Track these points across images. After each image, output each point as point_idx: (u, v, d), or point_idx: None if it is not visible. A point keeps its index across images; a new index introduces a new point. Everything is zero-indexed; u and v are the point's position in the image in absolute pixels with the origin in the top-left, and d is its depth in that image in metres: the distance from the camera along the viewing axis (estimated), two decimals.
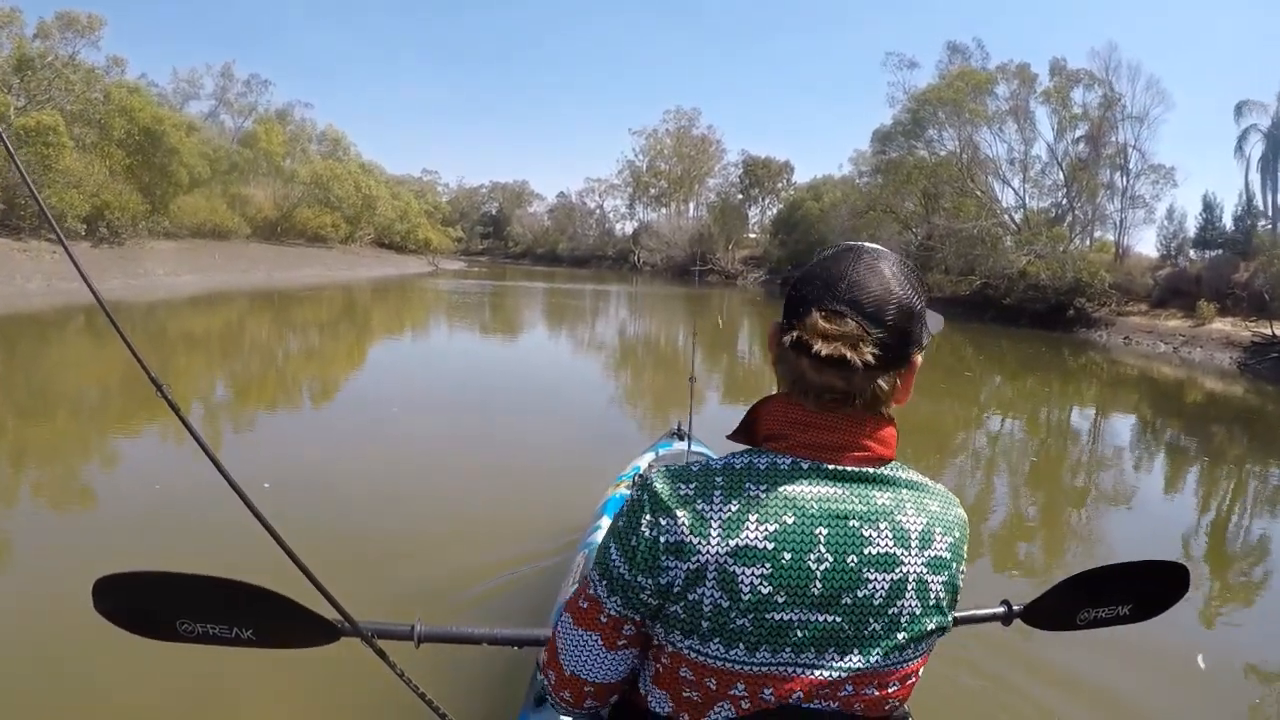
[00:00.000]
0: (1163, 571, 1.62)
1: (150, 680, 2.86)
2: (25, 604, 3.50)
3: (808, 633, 0.98)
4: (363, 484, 5.50)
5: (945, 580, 1.02)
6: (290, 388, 9.66)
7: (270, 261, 29.93)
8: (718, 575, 0.97)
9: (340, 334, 14.00)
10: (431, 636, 1.47)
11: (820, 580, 0.97)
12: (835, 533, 0.98)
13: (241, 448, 6.60)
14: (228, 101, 43.70)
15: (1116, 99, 32.66)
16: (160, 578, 1.28)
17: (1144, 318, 28.01)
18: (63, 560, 3.89)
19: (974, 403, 12.85)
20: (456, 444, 6.99)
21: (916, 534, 1.00)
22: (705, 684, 1.02)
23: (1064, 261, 29.36)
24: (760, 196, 69.35)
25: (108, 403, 8.12)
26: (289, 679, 2.92)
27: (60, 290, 16.80)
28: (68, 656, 3.00)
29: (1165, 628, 2.14)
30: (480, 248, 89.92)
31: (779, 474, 1.00)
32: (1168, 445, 10.99)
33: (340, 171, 41.98)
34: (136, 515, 4.67)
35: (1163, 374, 19.26)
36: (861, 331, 0.97)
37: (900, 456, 1.07)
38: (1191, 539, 6.24)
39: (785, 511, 0.98)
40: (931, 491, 1.05)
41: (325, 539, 4.14)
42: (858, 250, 1.04)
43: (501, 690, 2.65)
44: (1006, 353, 21.55)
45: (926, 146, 37.58)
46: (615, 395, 11.58)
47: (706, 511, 0.99)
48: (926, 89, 36.62)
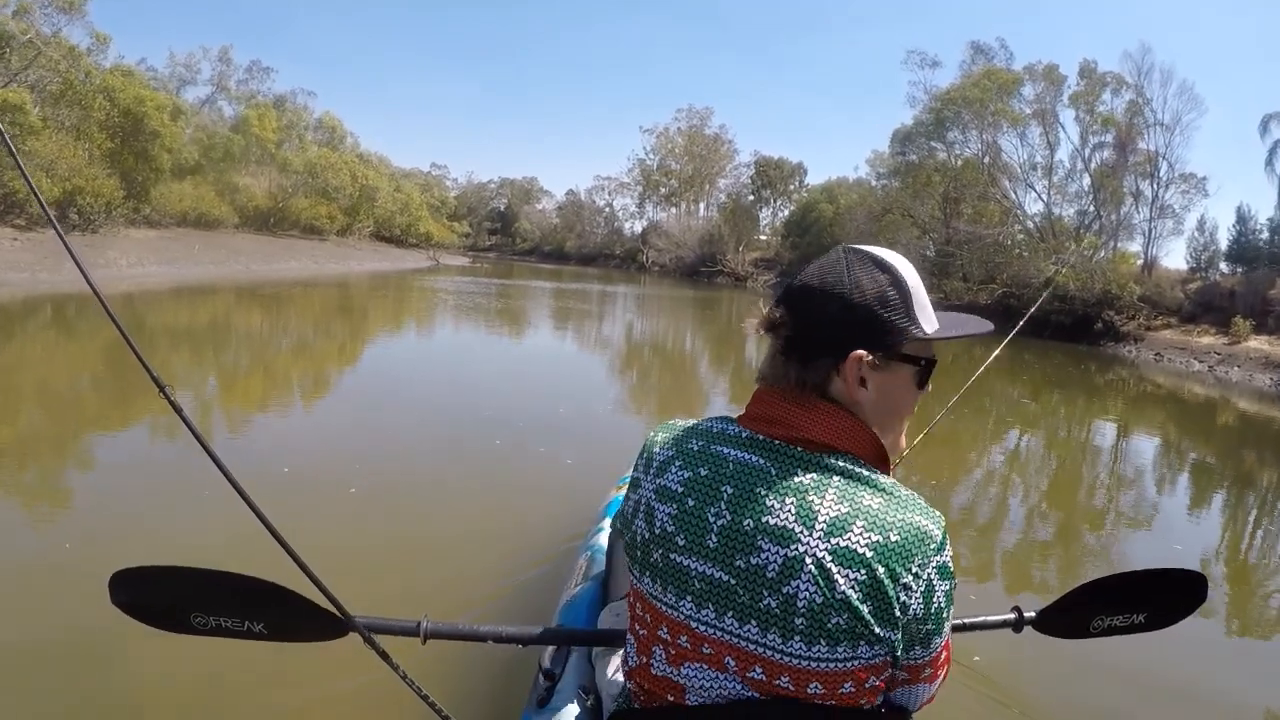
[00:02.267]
0: (1179, 579, 1.57)
1: (153, 676, 2.88)
2: (26, 604, 3.48)
3: (703, 585, 1.03)
4: (364, 485, 5.36)
5: (861, 580, 0.96)
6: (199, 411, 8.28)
7: (253, 253, 28.13)
8: (645, 509, 1.11)
9: (288, 341, 12.53)
10: (437, 633, 1.51)
11: (716, 534, 1.03)
12: (739, 493, 1.03)
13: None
14: (226, 88, 42.10)
15: (1147, 103, 31.41)
16: (175, 572, 1.34)
17: (1175, 333, 26.88)
18: (65, 560, 3.85)
19: (1006, 419, 12.41)
20: (456, 445, 6.85)
21: (826, 518, 0.98)
22: (645, 620, 1.11)
23: (1093, 272, 27.85)
24: (772, 198, 68.78)
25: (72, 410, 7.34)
26: (293, 675, 2.93)
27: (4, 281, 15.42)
28: (68, 652, 3.02)
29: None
30: (488, 243, 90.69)
31: (719, 435, 1.09)
32: (1205, 469, 10.05)
33: (335, 160, 40.47)
34: (136, 516, 4.60)
35: (1203, 395, 17.92)
36: (782, 316, 1.06)
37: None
38: (1212, 562, 5.79)
39: (702, 464, 1.07)
40: (883, 491, 1.01)
41: (328, 539, 4.14)
42: (836, 249, 1.10)
43: (504, 691, 2.68)
44: (1031, 365, 20.51)
45: (948, 149, 36.49)
46: (617, 396, 11.29)
47: (655, 456, 1.13)
48: (951, 88, 35.34)
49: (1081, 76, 33.24)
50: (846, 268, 1.05)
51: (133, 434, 6.45)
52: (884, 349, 1.04)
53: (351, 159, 44.07)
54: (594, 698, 1.74)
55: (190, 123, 35.44)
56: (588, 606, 2.23)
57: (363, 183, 42.09)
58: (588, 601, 2.26)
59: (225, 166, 35.46)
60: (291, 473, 5.48)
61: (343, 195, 40.42)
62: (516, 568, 4.02)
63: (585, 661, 1.89)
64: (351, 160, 43.49)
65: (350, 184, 40.58)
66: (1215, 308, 26.81)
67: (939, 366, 1.14)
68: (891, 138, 39.30)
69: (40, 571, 3.71)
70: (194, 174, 32.91)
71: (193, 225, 29.44)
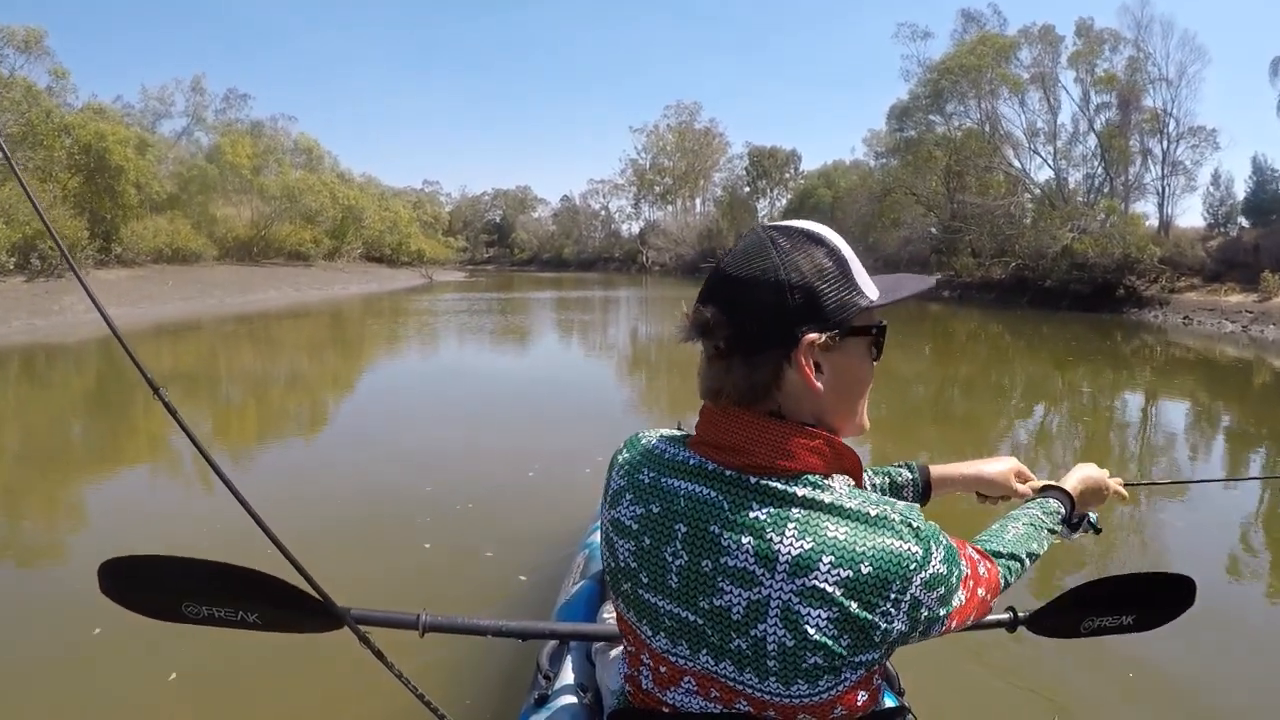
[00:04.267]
0: (1169, 583, 1.62)
1: (152, 672, 2.91)
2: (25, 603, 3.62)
3: (674, 624, 0.99)
4: (365, 487, 5.59)
5: (833, 618, 0.90)
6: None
7: (231, 285, 26.88)
8: (607, 538, 1.07)
9: (230, 388, 11.42)
10: (436, 626, 1.52)
11: (676, 575, 0.97)
12: (693, 533, 0.96)
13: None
14: (202, 118, 40.85)
15: (1148, 57, 30.37)
16: (164, 561, 1.35)
17: (1201, 294, 25.66)
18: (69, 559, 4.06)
19: (1021, 395, 11.85)
20: (456, 446, 7.01)
21: (788, 557, 0.90)
22: (631, 640, 1.08)
23: (1111, 236, 26.56)
24: (768, 188, 68.18)
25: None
26: (290, 670, 2.93)
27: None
28: (68, 648, 3.06)
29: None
30: (486, 256, 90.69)
31: (670, 464, 1.02)
32: (1243, 435, 9.19)
33: (313, 182, 39.19)
34: (135, 516, 4.82)
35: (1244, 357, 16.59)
36: (715, 316, 0.94)
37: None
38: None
39: (654, 499, 1.00)
40: (848, 517, 0.92)
41: (328, 539, 4.25)
42: (748, 233, 1.01)
43: (503, 688, 2.68)
44: (1047, 339, 19.71)
45: (946, 121, 35.44)
46: (619, 398, 11.24)
47: (611, 483, 1.08)
48: (945, 57, 34.36)
49: (1079, 35, 32.34)
50: (774, 247, 0.95)
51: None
52: (834, 327, 0.95)
53: (331, 179, 42.84)
54: (592, 695, 1.74)
55: (166, 156, 34.37)
56: (586, 603, 2.23)
57: (344, 203, 40.85)
58: (586, 598, 2.27)
59: (204, 199, 34.37)
60: (292, 477, 5.70)
61: (325, 218, 39.22)
62: (516, 567, 4.04)
63: (584, 659, 1.88)
64: (331, 181, 42.25)
65: (331, 205, 39.38)
66: (1239, 264, 25.83)
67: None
68: (888, 114, 38.40)
69: (35, 569, 3.86)
70: (173, 208, 31.92)
71: (169, 261, 28.35)
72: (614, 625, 1.66)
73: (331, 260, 40.98)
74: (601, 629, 1.77)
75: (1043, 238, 28.63)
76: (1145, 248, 26.35)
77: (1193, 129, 30.90)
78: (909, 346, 16.16)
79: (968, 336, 21.06)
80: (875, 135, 43.26)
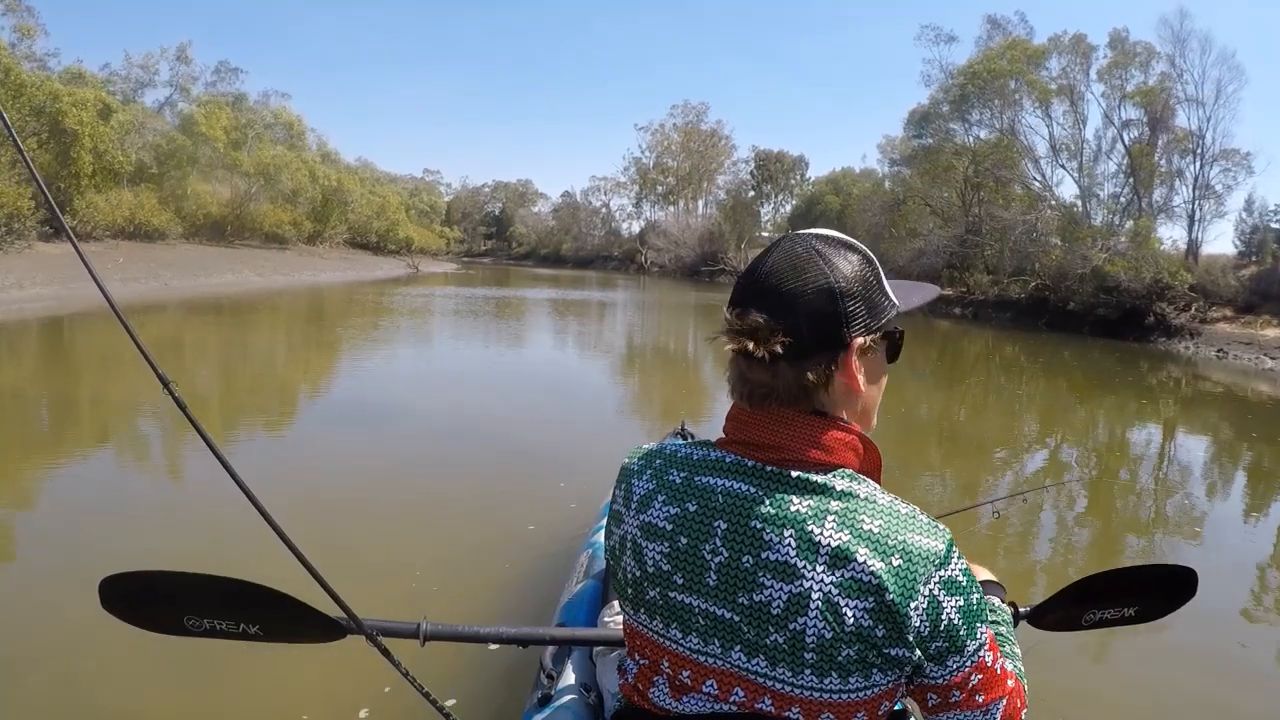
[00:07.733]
0: (1171, 575, 1.60)
1: (154, 677, 2.87)
2: (26, 603, 3.49)
3: (708, 623, 0.99)
4: (366, 487, 5.50)
5: (870, 608, 0.92)
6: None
7: (187, 266, 24.48)
8: (632, 546, 1.05)
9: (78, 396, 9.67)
10: (437, 635, 1.52)
11: (715, 572, 0.98)
12: (734, 528, 0.97)
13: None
14: (187, 90, 38.78)
15: (1182, 74, 28.68)
16: (165, 576, 1.33)
17: (1234, 326, 23.77)
18: (68, 561, 3.85)
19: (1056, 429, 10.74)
20: (455, 447, 6.93)
21: (828, 548, 0.93)
22: (646, 653, 1.07)
23: (1143, 259, 24.74)
24: (773, 193, 67.11)
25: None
26: (291, 670, 2.91)
27: None
28: (71, 652, 2.99)
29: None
30: (483, 248, 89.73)
31: (701, 464, 1.03)
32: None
33: (291, 159, 37.02)
34: (143, 516, 4.73)
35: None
36: (768, 322, 0.96)
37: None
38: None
39: (689, 499, 1.01)
40: (882, 511, 0.96)
41: (327, 540, 4.18)
42: (784, 238, 1.04)
43: (506, 689, 2.68)
44: (1070, 367, 18.19)
45: (967, 130, 33.81)
46: (620, 399, 11.28)
47: (635, 487, 1.08)
48: (973, 61, 32.55)
49: (1112, 47, 30.66)
50: (819, 255, 1.00)
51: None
52: (876, 330, 1.02)
53: (311, 158, 40.73)
54: (596, 695, 1.73)
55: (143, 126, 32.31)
56: (588, 604, 2.24)
57: (325, 184, 38.80)
58: (588, 599, 2.27)
59: (180, 174, 32.36)
60: (290, 479, 5.57)
61: (304, 199, 37.20)
62: (517, 566, 4.05)
63: (587, 659, 1.85)
64: (311, 160, 40.14)
65: (310, 185, 37.31)
66: (1276, 296, 23.84)
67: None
68: (907, 119, 36.78)
69: (36, 572, 3.76)
70: (149, 182, 29.98)
71: (130, 238, 26.36)
72: (616, 630, 1.67)
73: (311, 245, 39.02)
74: (603, 634, 1.70)
75: (1072, 257, 26.83)
76: (1177, 273, 24.53)
77: (1225, 151, 29.09)
78: (912, 364, 14.94)
79: (977, 358, 19.48)
80: (890, 141, 41.72)
